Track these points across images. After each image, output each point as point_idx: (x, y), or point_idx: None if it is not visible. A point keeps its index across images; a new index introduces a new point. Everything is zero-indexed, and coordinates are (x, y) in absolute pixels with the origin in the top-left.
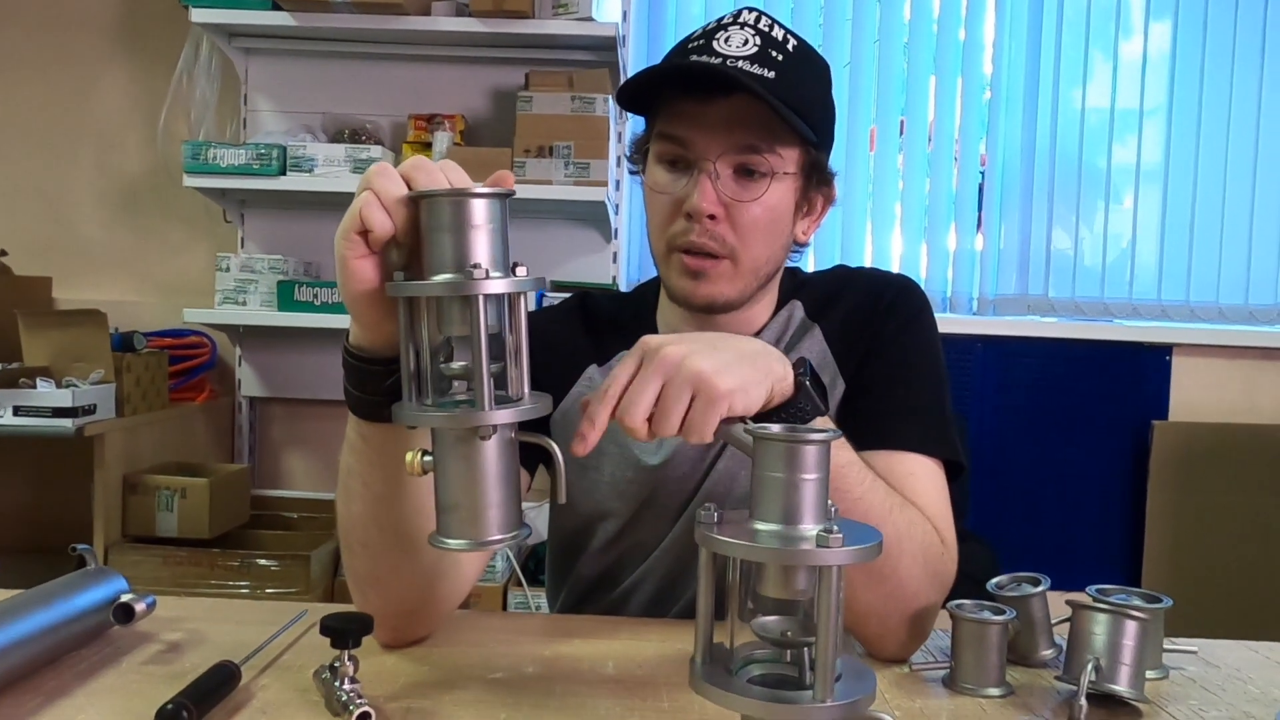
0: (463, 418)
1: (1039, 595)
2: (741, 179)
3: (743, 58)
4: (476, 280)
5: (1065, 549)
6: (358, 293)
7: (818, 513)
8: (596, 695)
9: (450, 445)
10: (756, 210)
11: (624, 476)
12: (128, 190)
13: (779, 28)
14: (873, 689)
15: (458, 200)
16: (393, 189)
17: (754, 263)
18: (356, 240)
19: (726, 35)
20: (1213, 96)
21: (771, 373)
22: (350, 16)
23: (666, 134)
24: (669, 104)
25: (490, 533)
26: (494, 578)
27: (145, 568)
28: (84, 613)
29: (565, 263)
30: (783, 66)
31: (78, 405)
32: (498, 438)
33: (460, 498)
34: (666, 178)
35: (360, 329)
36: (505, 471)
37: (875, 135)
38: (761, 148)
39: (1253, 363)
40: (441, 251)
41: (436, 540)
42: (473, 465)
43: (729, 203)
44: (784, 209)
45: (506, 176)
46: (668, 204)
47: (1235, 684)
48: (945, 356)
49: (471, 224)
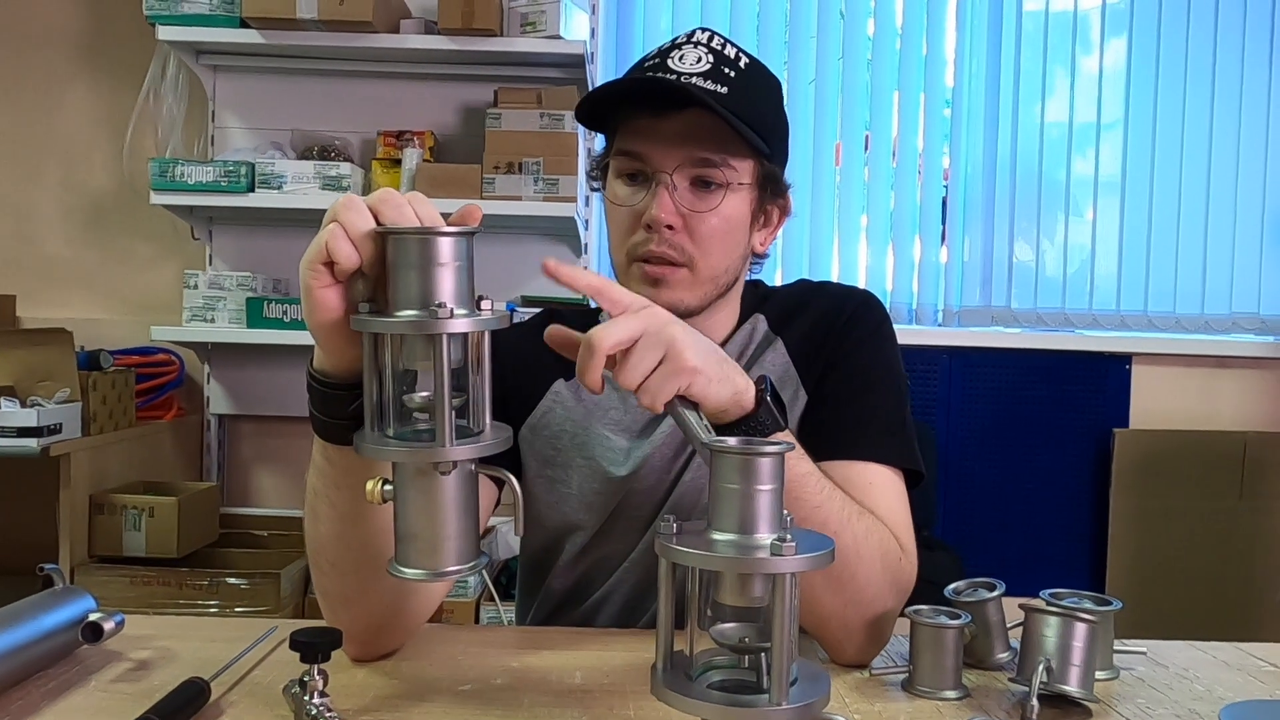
0: (423, 453)
1: (994, 600)
2: (698, 190)
3: (696, 74)
4: (440, 319)
5: (1030, 555)
6: (322, 321)
7: (773, 522)
8: (564, 705)
9: (410, 478)
10: (713, 220)
11: (591, 489)
12: (94, 207)
13: (731, 46)
14: (827, 691)
15: (424, 239)
16: (360, 223)
17: (712, 271)
18: (322, 270)
19: (681, 53)
20: (1167, 111)
21: (733, 382)
22: (319, 34)
23: (624, 149)
24: (626, 120)
25: (448, 563)
26: (466, 593)
27: (113, 588)
28: (52, 632)
29: (535, 279)
30: (735, 82)
31: (43, 425)
32: (457, 471)
33: (419, 529)
34: (626, 191)
35: (325, 355)
36: (464, 504)
37: (840, 150)
38: (716, 160)
39: (1209, 371)
40: (407, 288)
41: (394, 569)
42: (431, 498)
43: (686, 213)
44: (740, 219)
45: (473, 212)
46: (627, 216)
47: (1182, 683)
48: (911, 367)
49: (437, 262)
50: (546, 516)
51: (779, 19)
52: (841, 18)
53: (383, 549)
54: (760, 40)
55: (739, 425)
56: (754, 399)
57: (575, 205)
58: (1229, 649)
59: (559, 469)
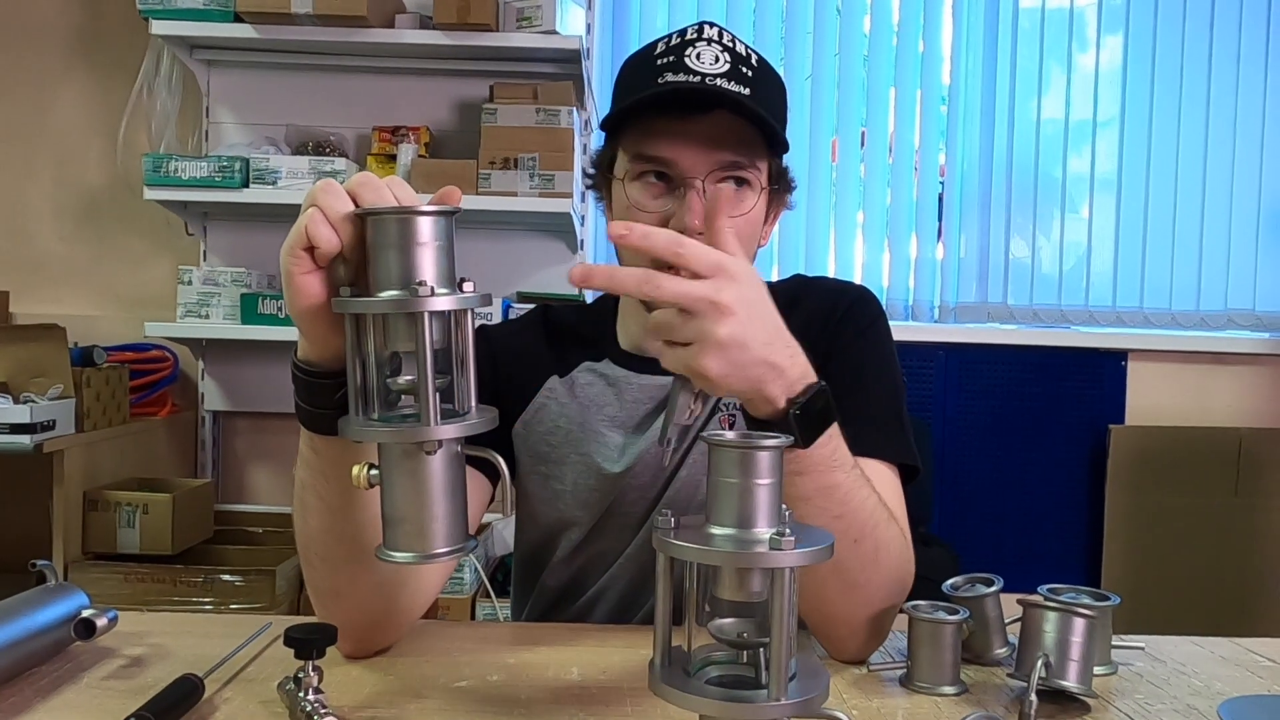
0: (408, 433)
1: (992, 595)
2: (727, 194)
3: (719, 75)
4: (422, 297)
5: (1026, 551)
6: (304, 308)
7: (771, 516)
8: (561, 702)
9: (396, 460)
10: (741, 223)
11: (586, 485)
12: (87, 203)
13: (740, 44)
14: (826, 687)
15: (403, 218)
16: (338, 206)
17: None
18: (302, 256)
19: (697, 52)
20: (1163, 108)
21: (760, 388)
22: (313, 29)
23: (647, 154)
24: (643, 122)
25: (436, 545)
26: (462, 590)
27: (107, 585)
28: (45, 629)
29: (531, 274)
30: (754, 82)
31: (36, 421)
32: (443, 452)
33: (406, 511)
34: (648, 195)
35: (308, 343)
36: (451, 485)
37: (837, 146)
38: (744, 163)
39: (1205, 367)
40: (387, 268)
41: (382, 553)
42: (418, 479)
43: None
44: (759, 218)
45: (453, 193)
46: (652, 222)
47: (1180, 678)
48: (907, 363)
49: (417, 241)
50: (541, 513)
51: (775, 15)
52: (838, 14)
53: (372, 541)
54: (757, 36)
55: (767, 425)
56: (785, 407)
57: (571, 201)
58: (1227, 644)
59: (553, 465)
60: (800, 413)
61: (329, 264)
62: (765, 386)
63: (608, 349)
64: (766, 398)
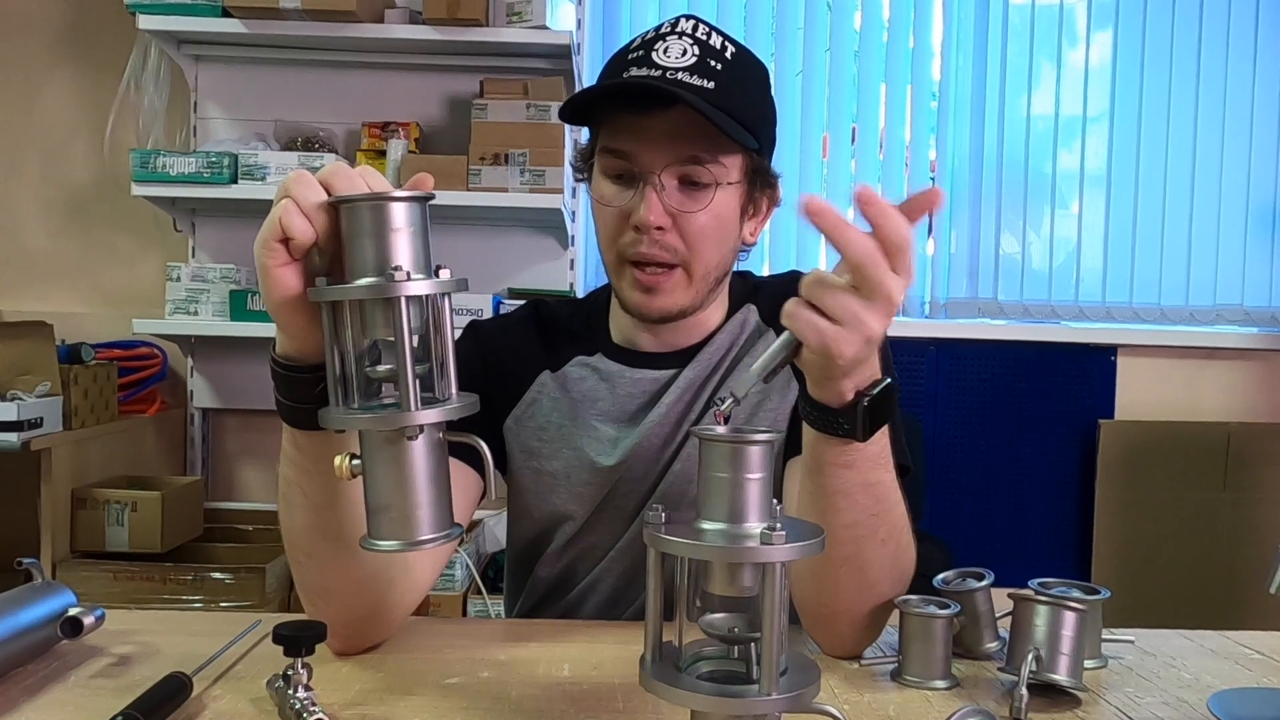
0: (388, 419)
1: (983, 589)
2: (687, 190)
3: (682, 69)
4: (398, 282)
5: (1017, 545)
6: (281, 300)
7: (762, 511)
8: (552, 697)
9: (378, 447)
10: (704, 219)
11: (580, 479)
12: (74, 199)
13: (717, 35)
14: (817, 682)
15: (376, 204)
16: (311, 195)
17: (705, 269)
18: (277, 248)
19: (665, 45)
20: (1153, 104)
21: (835, 385)
22: (302, 24)
23: (610, 148)
24: (611, 117)
25: (421, 532)
26: (453, 586)
27: (95, 583)
28: (31, 627)
29: (522, 270)
30: (721, 75)
31: (23, 419)
32: (425, 438)
33: (389, 499)
34: (613, 190)
35: (286, 337)
36: (434, 471)
37: (827, 142)
38: (704, 158)
39: (1194, 362)
40: (362, 256)
41: (367, 543)
42: (401, 466)
43: (676, 213)
44: (730, 215)
45: (425, 179)
46: (615, 216)
47: (1170, 671)
48: (898, 359)
49: (391, 227)
50: (534, 507)
51: (766, 10)
52: (828, 10)
53: (357, 535)
54: (747, 32)
55: (824, 409)
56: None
57: (562, 197)
58: (1216, 637)
59: (545, 460)
60: (868, 405)
61: (304, 255)
62: (850, 376)
63: (600, 343)
64: (839, 390)
